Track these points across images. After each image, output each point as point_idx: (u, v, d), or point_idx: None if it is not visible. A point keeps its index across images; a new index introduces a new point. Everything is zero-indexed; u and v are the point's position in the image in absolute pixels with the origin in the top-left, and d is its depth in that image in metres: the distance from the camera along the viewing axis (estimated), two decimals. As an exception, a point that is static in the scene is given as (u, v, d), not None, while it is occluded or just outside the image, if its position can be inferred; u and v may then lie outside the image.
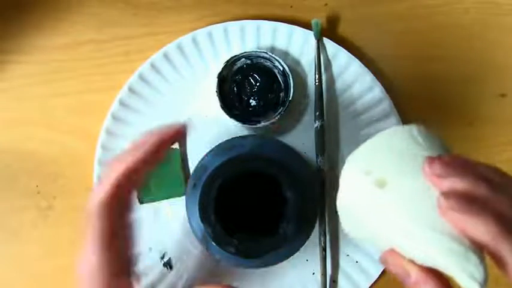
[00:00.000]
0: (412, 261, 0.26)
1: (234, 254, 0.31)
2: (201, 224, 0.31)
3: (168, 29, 0.48)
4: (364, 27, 0.49)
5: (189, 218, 0.34)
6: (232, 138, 0.34)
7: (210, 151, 0.33)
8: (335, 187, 0.46)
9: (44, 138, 0.48)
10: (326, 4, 0.49)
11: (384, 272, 0.47)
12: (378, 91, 0.47)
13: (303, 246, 0.46)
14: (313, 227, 0.33)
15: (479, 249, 0.25)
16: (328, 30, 0.49)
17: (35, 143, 0.48)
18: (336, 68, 0.47)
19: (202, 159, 0.33)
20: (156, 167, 0.33)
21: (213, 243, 0.32)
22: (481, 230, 0.24)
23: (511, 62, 0.49)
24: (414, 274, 0.25)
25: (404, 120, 0.48)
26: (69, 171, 0.48)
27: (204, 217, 0.31)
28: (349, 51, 0.47)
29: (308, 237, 0.33)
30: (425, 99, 0.48)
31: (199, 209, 0.31)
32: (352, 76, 0.47)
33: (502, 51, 0.49)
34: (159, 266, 0.47)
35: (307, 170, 0.33)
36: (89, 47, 0.48)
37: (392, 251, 0.26)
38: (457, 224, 0.25)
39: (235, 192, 0.33)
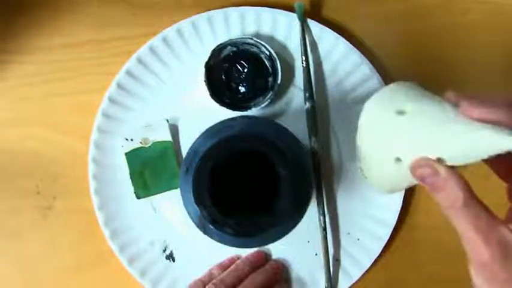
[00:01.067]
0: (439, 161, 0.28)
1: (231, 234, 0.31)
2: (197, 208, 0.31)
3: (169, 29, 0.48)
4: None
5: (184, 204, 0.34)
6: (222, 120, 0.34)
7: (201, 135, 0.33)
8: (330, 168, 0.47)
9: (44, 138, 0.48)
10: (308, -14, 0.49)
11: (385, 249, 0.47)
12: (365, 68, 0.47)
13: (304, 228, 0.46)
14: (308, 202, 0.33)
15: None
16: (313, 12, 0.49)
17: (35, 143, 0.48)
18: (322, 49, 0.47)
19: (193, 144, 0.33)
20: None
21: (210, 226, 0.32)
22: (503, 111, 0.27)
23: (511, 62, 0.48)
24: (443, 170, 0.28)
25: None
26: (69, 171, 0.48)
27: (198, 200, 0.31)
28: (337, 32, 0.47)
29: (304, 213, 0.33)
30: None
31: (193, 193, 0.31)
32: (339, 55, 0.47)
33: (502, 51, 0.48)
34: (162, 259, 0.47)
35: (298, 146, 0.33)
36: (89, 47, 0.48)
37: (420, 157, 0.29)
38: (480, 116, 0.27)
39: (228, 173, 0.33)
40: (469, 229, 0.27)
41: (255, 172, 0.34)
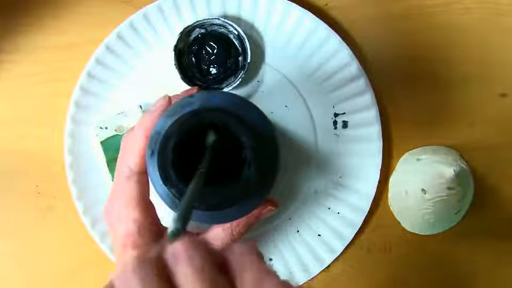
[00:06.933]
0: None
1: (202, 209, 0.31)
2: (165, 188, 0.31)
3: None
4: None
5: (155, 188, 0.33)
6: (181, 99, 0.34)
7: (162, 116, 0.33)
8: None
9: (43, 138, 0.48)
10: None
11: (365, 221, 0.47)
12: (333, 41, 0.47)
13: (285, 207, 0.46)
14: (276, 172, 0.33)
15: None
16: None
17: (35, 143, 0.48)
18: (290, 24, 0.47)
19: (155, 127, 0.33)
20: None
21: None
22: None
23: (511, 62, 0.48)
24: None
25: (403, 119, 0.48)
26: (69, 171, 0.47)
27: (166, 179, 0.30)
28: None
29: (273, 183, 0.33)
30: (425, 99, 0.48)
31: (160, 173, 0.31)
32: (306, 31, 0.47)
33: (502, 51, 0.48)
34: (144, 246, 0.47)
35: (260, 115, 0.33)
36: (89, 47, 0.47)
37: None
38: None
39: (193, 149, 0.32)
40: None
41: (220, 145, 0.34)
